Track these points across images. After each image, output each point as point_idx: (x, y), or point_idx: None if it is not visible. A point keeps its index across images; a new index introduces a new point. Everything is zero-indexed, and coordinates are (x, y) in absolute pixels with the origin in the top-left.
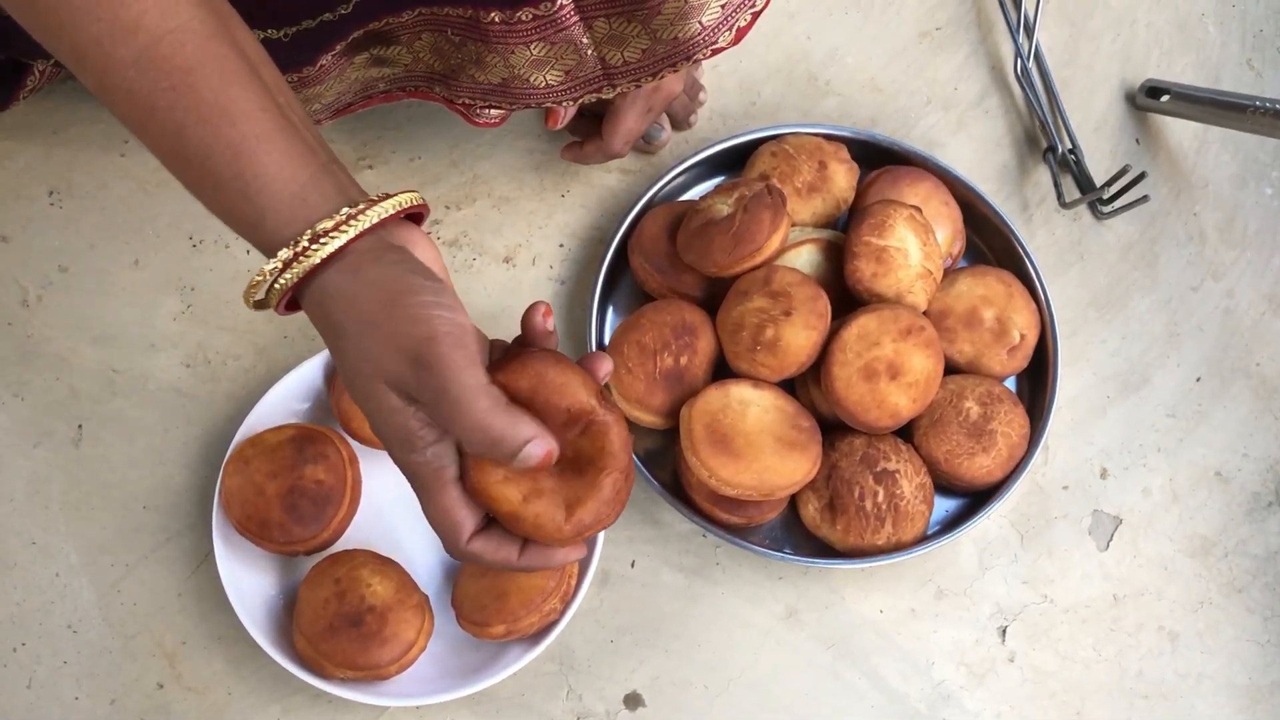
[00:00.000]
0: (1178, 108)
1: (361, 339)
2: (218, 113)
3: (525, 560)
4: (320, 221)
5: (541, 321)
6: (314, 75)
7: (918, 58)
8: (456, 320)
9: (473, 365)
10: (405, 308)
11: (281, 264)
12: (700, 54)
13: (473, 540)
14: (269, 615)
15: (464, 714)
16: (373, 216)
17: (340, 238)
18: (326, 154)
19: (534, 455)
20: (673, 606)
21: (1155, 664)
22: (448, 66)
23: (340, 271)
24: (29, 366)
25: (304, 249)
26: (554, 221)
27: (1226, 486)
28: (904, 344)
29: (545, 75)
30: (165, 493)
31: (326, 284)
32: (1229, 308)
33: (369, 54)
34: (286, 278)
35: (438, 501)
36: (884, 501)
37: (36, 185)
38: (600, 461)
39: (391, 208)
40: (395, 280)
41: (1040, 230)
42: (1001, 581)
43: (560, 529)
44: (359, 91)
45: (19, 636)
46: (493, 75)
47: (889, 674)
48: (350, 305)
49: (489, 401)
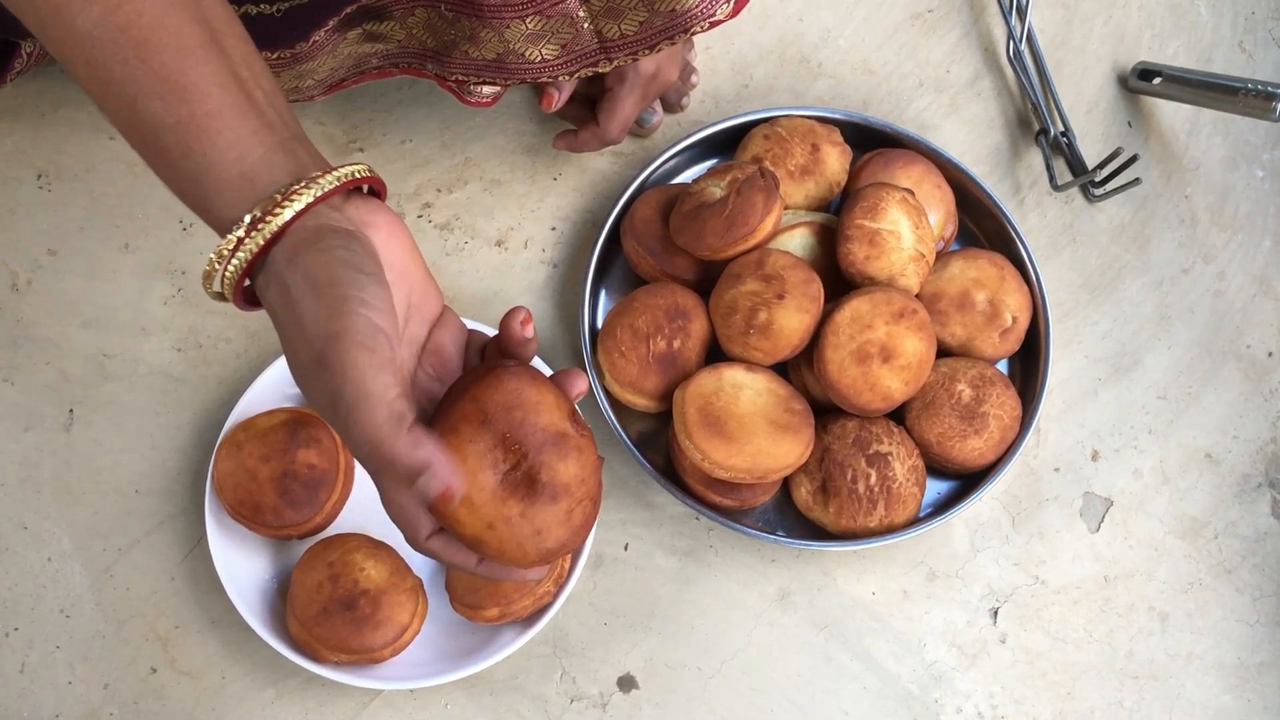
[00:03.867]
0: (1169, 90)
1: (288, 329)
2: (169, 87)
3: (483, 570)
4: (262, 203)
5: (520, 330)
6: (307, 51)
7: (910, 40)
8: (373, 320)
9: (378, 372)
10: (325, 302)
11: (229, 249)
12: (698, 26)
13: (431, 539)
14: (262, 599)
15: (458, 697)
16: (308, 196)
17: (280, 217)
18: (290, 130)
19: (431, 489)
20: (666, 589)
21: (1145, 644)
22: (440, 43)
23: (279, 257)
24: (19, 351)
25: (246, 234)
26: (546, 204)
27: (1217, 468)
28: (896, 327)
29: (540, 49)
30: (157, 477)
31: (268, 269)
32: (1220, 290)
33: (362, 29)
34: (234, 265)
35: (393, 498)
36: (876, 484)
37: (25, 168)
38: (572, 489)
39: (330, 183)
40: (324, 269)
41: (1032, 213)
42: (993, 563)
43: (526, 556)
44: (352, 68)
45: (11, 621)
46: (487, 51)
47: (881, 655)
48: (282, 294)
49: (388, 415)
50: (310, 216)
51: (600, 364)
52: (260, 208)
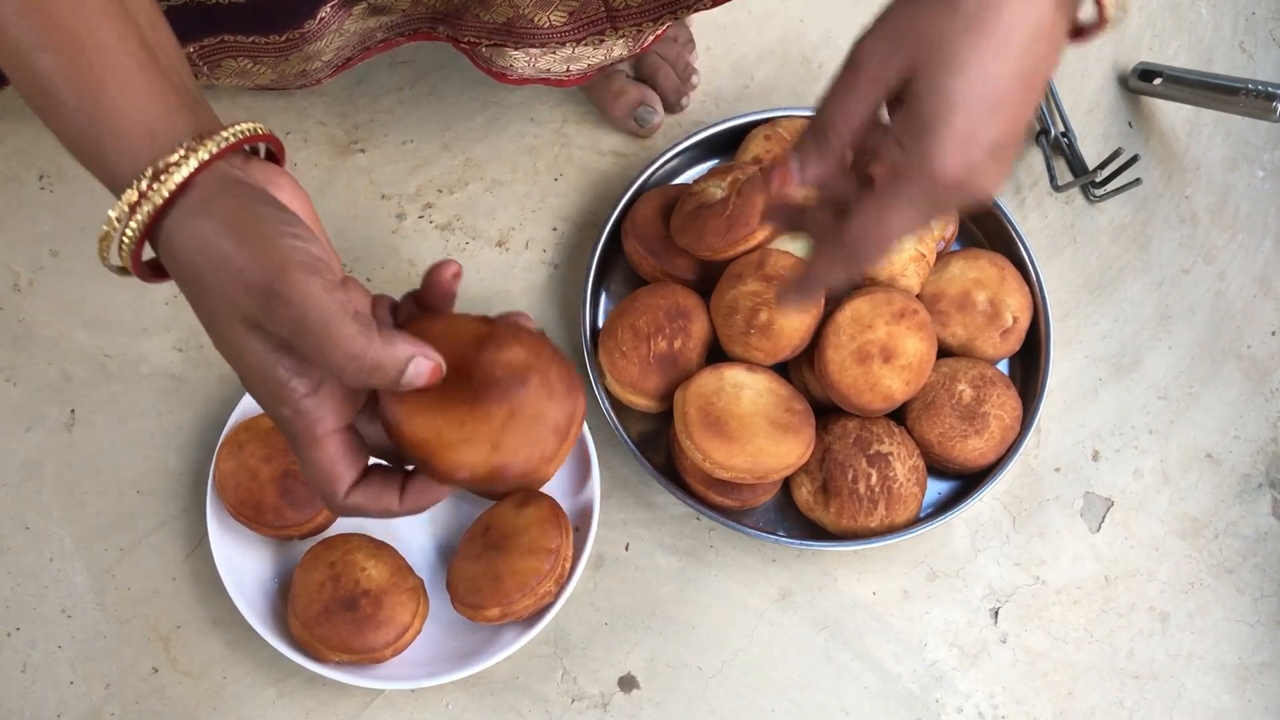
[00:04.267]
0: (1170, 91)
1: (213, 280)
2: (65, 39)
3: (407, 505)
4: (165, 155)
5: (449, 281)
6: (314, 30)
7: None
8: (309, 250)
9: (332, 290)
10: (253, 240)
11: (128, 207)
12: (703, 2)
13: (351, 493)
14: (264, 599)
15: (459, 697)
16: (212, 147)
17: (182, 169)
18: (192, 94)
19: (421, 372)
20: (667, 589)
21: (1146, 644)
22: (451, 6)
23: (187, 210)
24: (20, 351)
25: (148, 188)
26: (547, 205)
27: (1217, 468)
28: (897, 327)
29: (549, 15)
30: (159, 477)
31: (174, 226)
32: (1220, 290)
33: (367, 3)
34: (134, 225)
35: (312, 457)
36: (877, 484)
37: (27, 169)
38: (519, 370)
39: (233, 136)
40: (242, 212)
41: (1033, 213)
42: (994, 563)
43: (480, 452)
44: (357, 45)
45: (13, 621)
46: (497, 14)
47: (882, 655)
48: (200, 244)
49: (357, 326)
50: (213, 171)
51: (601, 364)
52: (163, 159)
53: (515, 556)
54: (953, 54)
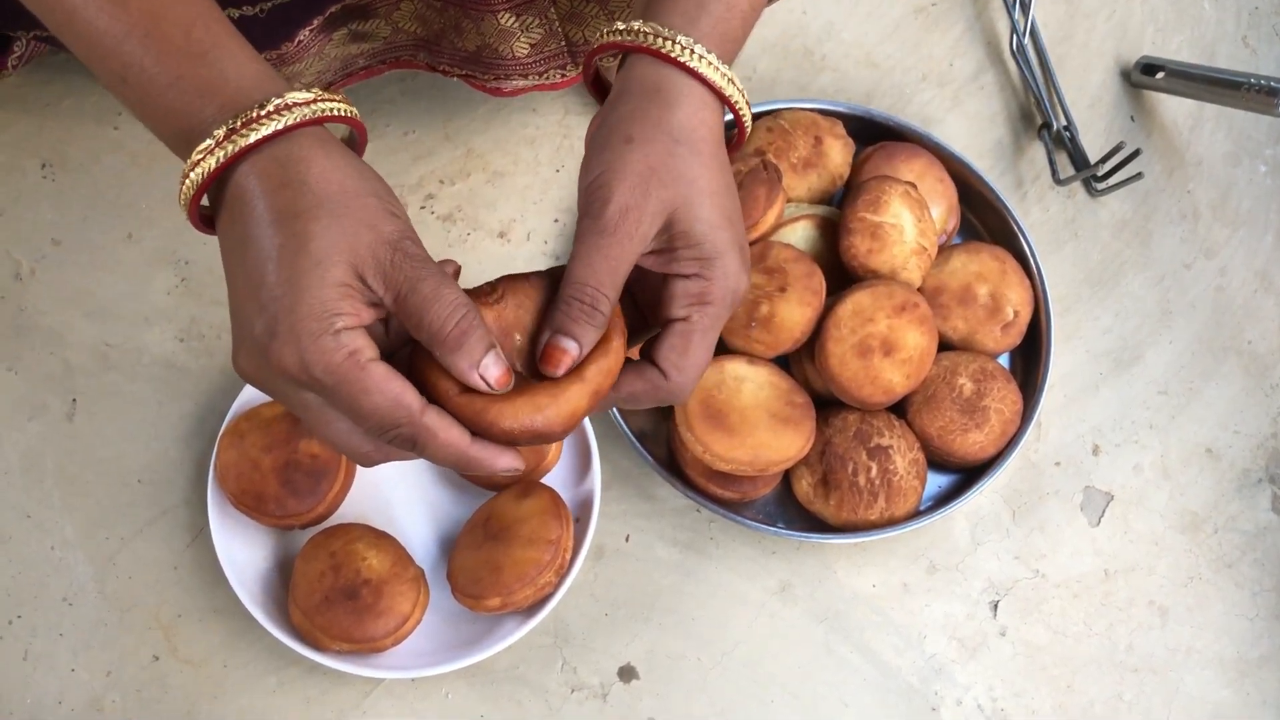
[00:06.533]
0: (1172, 85)
1: (337, 203)
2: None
3: (476, 450)
4: (291, 93)
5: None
6: (293, 52)
7: (913, 33)
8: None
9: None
10: (385, 199)
11: (240, 122)
12: None
13: (426, 411)
14: (264, 589)
15: (459, 686)
16: (342, 108)
17: (314, 108)
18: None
19: (492, 370)
20: (667, 581)
21: (1145, 638)
22: (430, 32)
23: (310, 138)
24: (22, 340)
25: (269, 111)
26: (549, 197)
27: (1217, 463)
28: (898, 320)
29: (513, 47)
30: (160, 467)
31: (295, 146)
32: (1221, 285)
33: (347, 29)
34: (248, 132)
35: (370, 385)
36: (877, 477)
37: (29, 158)
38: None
39: (353, 112)
40: (370, 171)
41: (1034, 207)
42: (993, 557)
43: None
44: (339, 70)
45: (15, 609)
46: (468, 42)
47: (881, 648)
48: (329, 169)
49: (459, 295)
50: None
51: None
52: (291, 95)
53: (516, 547)
54: (695, 182)
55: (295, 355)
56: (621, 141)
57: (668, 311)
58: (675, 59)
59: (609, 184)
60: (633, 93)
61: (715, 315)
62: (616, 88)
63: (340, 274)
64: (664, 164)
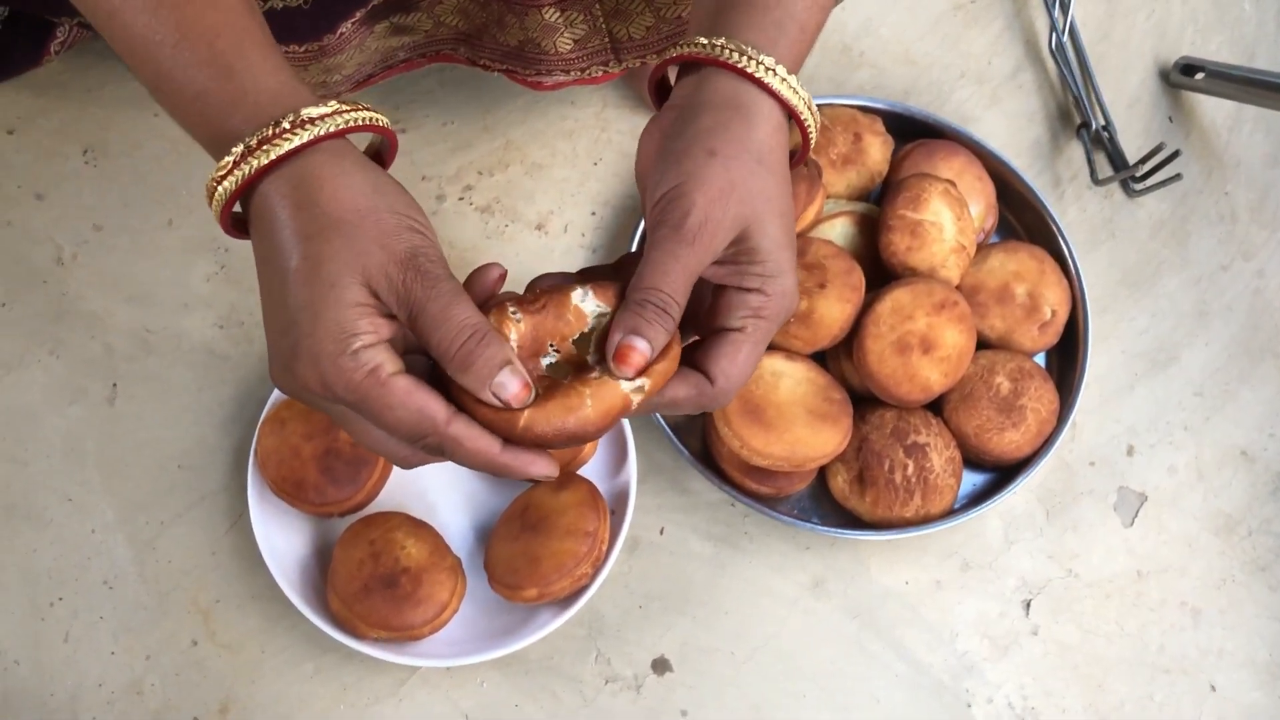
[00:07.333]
0: (1212, 86)
1: (347, 224)
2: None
3: (506, 457)
4: (308, 108)
5: (494, 284)
6: (334, 44)
7: (952, 30)
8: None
9: (455, 281)
10: (401, 212)
11: (256, 141)
12: None
13: (453, 422)
14: (303, 575)
15: (494, 676)
16: (365, 116)
17: (331, 123)
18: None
19: (507, 387)
20: (701, 574)
21: (1177, 639)
22: (473, 26)
23: (325, 154)
24: (64, 324)
25: (284, 130)
26: (586, 189)
27: (1252, 465)
28: (937, 318)
29: (556, 42)
30: (199, 452)
31: (309, 165)
32: (1259, 288)
33: (389, 22)
34: (262, 153)
35: (393, 400)
36: (913, 474)
37: (71, 144)
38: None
39: (379, 120)
40: (388, 184)
41: (1072, 206)
42: (1027, 555)
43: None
44: (379, 62)
45: (56, 591)
46: (510, 37)
47: (913, 645)
48: (340, 189)
49: (468, 314)
50: (347, 138)
51: None
52: (307, 110)
53: (553, 538)
54: (770, 201)
55: (317, 376)
56: (705, 153)
57: (723, 320)
58: (759, 79)
59: (690, 195)
60: (714, 106)
61: (767, 330)
62: (687, 97)
63: (355, 294)
64: (744, 181)
